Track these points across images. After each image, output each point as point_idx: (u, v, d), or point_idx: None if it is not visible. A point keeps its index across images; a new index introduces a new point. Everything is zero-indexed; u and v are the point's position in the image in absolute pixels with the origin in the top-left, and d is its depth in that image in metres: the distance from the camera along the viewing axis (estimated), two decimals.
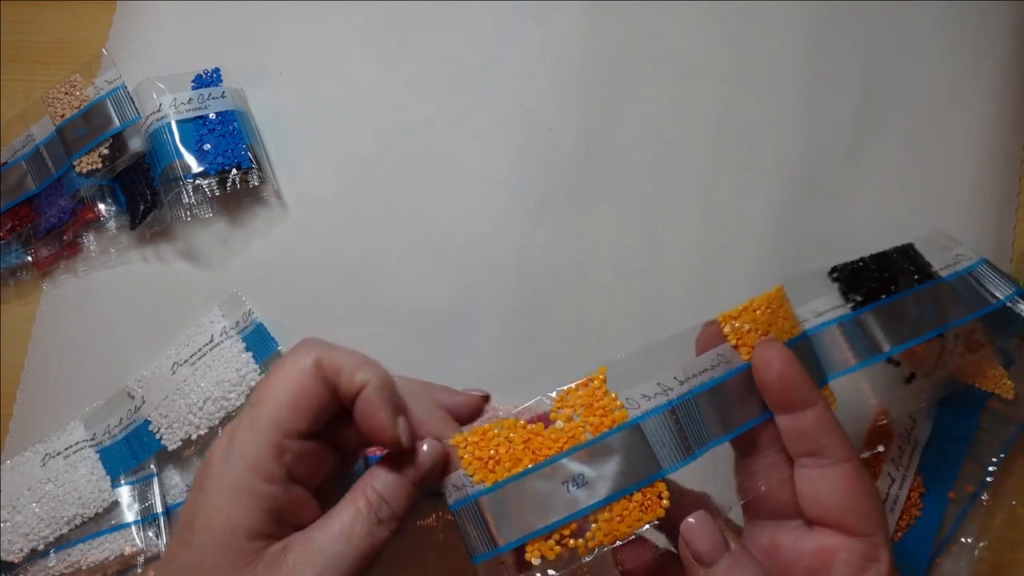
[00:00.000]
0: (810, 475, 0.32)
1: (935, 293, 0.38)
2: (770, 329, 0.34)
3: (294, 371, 0.31)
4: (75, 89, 0.50)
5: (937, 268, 0.40)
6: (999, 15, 0.51)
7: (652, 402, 0.33)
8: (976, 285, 0.40)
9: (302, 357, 0.32)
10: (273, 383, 0.31)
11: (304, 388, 0.31)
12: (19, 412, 0.49)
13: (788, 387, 0.32)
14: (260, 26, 0.54)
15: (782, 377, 0.32)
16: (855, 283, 0.38)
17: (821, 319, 0.37)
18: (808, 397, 0.32)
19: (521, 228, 0.50)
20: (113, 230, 0.50)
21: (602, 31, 0.53)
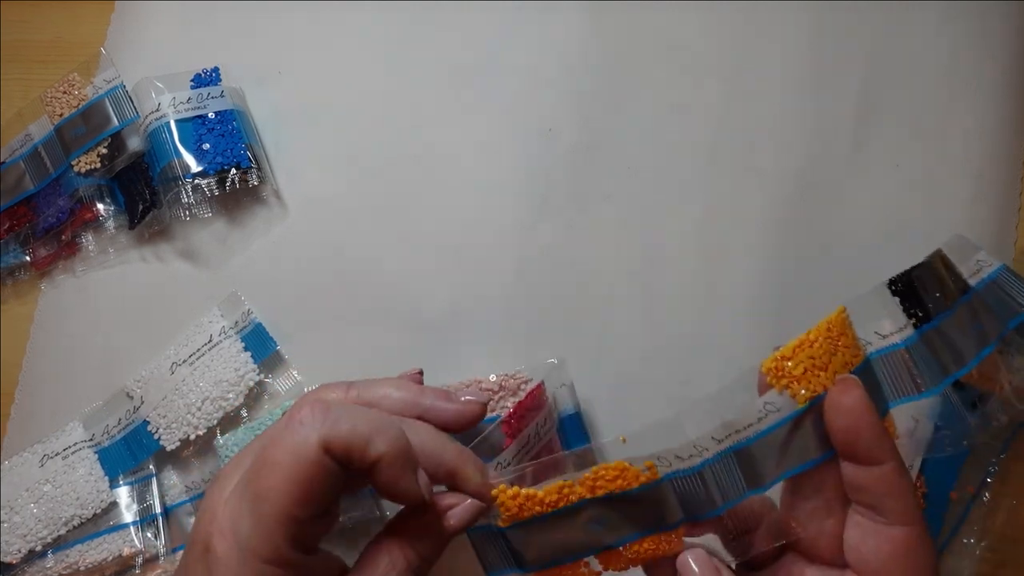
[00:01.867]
0: (861, 524, 0.30)
1: (973, 306, 0.36)
2: (831, 362, 0.30)
3: (299, 459, 0.28)
4: (73, 88, 0.50)
5: (966, 277, 0.37)
6: (1000, 15, 0.51)
7: (685, 463, 0.32)
8: (1003, 293, 0.37)
9: (306, 437, 0.28)
10: (277, 472, 0.28)
11: (313, 478, 0.28)
12: (17, 412, 0.49)
13: (858, 440, 0.29)
14: (260, 26, 0.54)
15: (852, 430, 0.29)
16: (915, 296, 0.35)
17: (886, 342, 0.34)
18: (878, 455, 0.29)
19: (521, 228, 0.50)
20: (112, 230, 0.50)
21: (602, 31, 0.52)
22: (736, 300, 0.49)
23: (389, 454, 0.29)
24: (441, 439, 0.32)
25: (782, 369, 0.31)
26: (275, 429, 0.30)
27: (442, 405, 0.33)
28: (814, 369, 0.30)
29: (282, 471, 0.28)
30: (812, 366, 0.30)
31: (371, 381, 0.34)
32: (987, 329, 0.35)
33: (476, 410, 0.34)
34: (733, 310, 0.49)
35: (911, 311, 0.35)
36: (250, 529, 0.28)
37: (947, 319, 0.35)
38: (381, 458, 0.29)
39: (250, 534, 0.28)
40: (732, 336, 0.48)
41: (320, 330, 0.49)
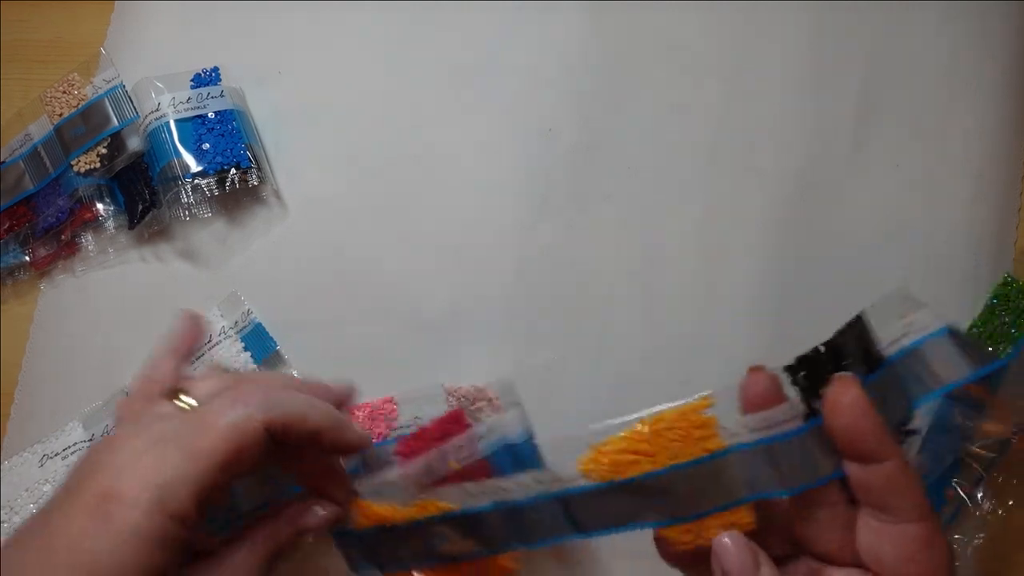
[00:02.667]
0: (872, 526, 0.30)
1: (880, 383, 0.32)
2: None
3: (239, 430, 0.31)
4: (73, 88, 0.50)
5: (884, 345, 0.33)
6: (1000, 15, 0.51)
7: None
8: (921, 366, 0.32)
9: (250, 414, 0.31)
10: (215, 435, 0.31)
11: (246, 448, 0.31)
12: (17, 413, 0.49)
13: (859, 437, 0.29)
14: (260, 26, 0.54)
15: (852, 428, 0.29)
16: (809, 385, 0.32)
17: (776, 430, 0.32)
18: (880, 452, 0.29)
19: (521, 228, 0.50)
20: (111, 230, 0.50)
21: (602, 31, 0.52)
22: (736, 300, 0.49)
23: (325, 423, 0.34)
24: (307, 400, 0.35)
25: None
26: (210, 408, 0.33)
27: (323, 389, 0.37)
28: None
29: (220, 435, 0.31)
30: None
31: (255, 374, 0.39)
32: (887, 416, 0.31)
33: (347, 392, 0.38)
34: (733, 310, 0.49)
35: (808, 399, 0.32)
36: (170, 480, 0.30)
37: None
38: (319, 427, 0.33)
39: (169, 485, 0.30)
40: (732, 336, 0.48)
41: (320, 330, 0.49)
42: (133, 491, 0.29)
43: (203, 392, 0.35)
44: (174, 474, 0.30)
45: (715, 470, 0.31)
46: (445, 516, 0.35)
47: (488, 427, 0.40)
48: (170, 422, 0.32)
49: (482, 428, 0.40)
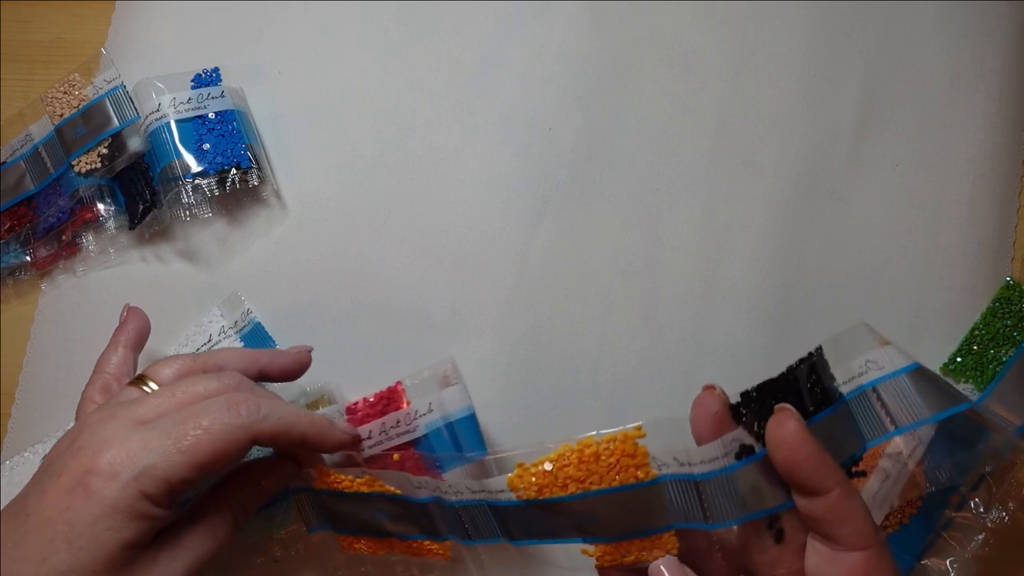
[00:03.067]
0: (820, 551, 0.30)
1: (829, 423, 0.32)
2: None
3: (227, 435, 0.33)
4: (74, 88, 0.50)
5: (842, 381, 0.32)
6: (1000, 14, 0.51)
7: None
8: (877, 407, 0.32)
9: (243, 424, 0.33)
10: (204, 434, 0.32)
11: (228, 453, 0.33)
12: (18, 413, 0.49)
13: (799, 471, 0.29)
14: (259, 26, 0.54)
15: (792, 461, 0.29)
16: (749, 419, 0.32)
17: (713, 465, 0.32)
18: (822, 483, 0.29)
19: (521, 228, 0.50)
20: (112, 230, 0.50)
21: (602, 31, 0.52)
22: (736, 300, 0.49)
23: (311, 430, 0.36)
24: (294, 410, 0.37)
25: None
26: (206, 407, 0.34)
27: (279, 360, 0.41)
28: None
29: (209, 436, 0.32)
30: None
31: (213, 351, 0.39)
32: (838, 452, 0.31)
33: (306, 357, 0.42)
34: (733, 310, 0.49)
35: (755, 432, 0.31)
36: (152, 462, 0.31)
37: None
38: (306, 435, 0.36)
39: (150, 466, 0.31)
40: (732, 336, 0.48)
41: (320, 330, 0.49)
42: (115, 466, 0.31)
43: (166, 376, 0.37)
44: (156, 459, 0.31)
45: (642, 498, 0.32)
46: (390, 496, 0.38)
47: (431, 404, 0.43)
48: (150, 404, 0.34)
49: (424, 406, 0.43)
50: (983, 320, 0.46)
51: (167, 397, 0.34)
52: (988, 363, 0.45)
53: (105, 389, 0.39)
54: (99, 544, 0.31)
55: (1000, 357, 0.44)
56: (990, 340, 0.45)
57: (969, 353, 0.45)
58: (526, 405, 0.48)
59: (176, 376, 0.37)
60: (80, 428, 0.33)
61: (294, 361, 0.41)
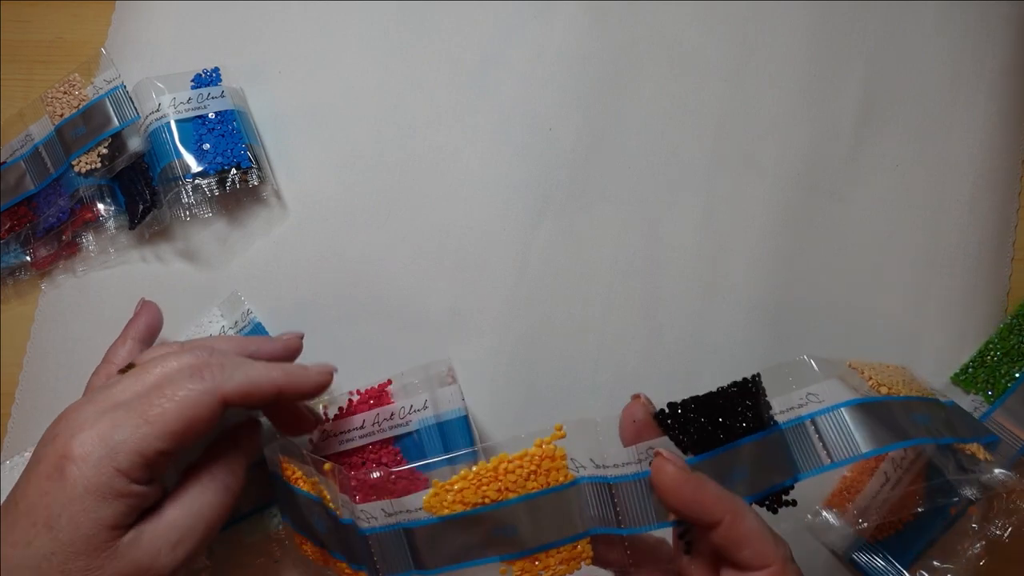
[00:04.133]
0: (728, 573, 0.31)
1: (768, 445, 0.32)
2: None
3: (196, 403, 0.33)
4: (74, 88, 0.50)
5: (778, 411, 0.33)
6: (1000, 15, 0.51)
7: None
8: (811, 440, 0.32)
9: (210, 388, 0.33)
10: (171, 405, 0.32)
11: (199, 420, 0.33)
12: (18, 413, 0.49)
13: (683, 512, 0.31)
14: (259, 26, 0.54)
15: (673, 505, 0.31)
16: (678, 429, 0.33)
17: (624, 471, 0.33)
18: (708, 518, 0.30)
19: (521, 228, 0.50)
20: (112, 230, 0.50)
21: (602, 31, 0.52)
22: (736, 300, 0.49)
23: (282, 381, 0.36)
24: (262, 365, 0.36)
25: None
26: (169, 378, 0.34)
27: (267, 347, 0.40)
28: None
29: (176, 406, 0.32)
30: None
31: (201, 339, 0.40)
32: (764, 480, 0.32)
33: (296, 343, 0.41)
34: (733, 310, 0.49)
35: (680, 440, 0.32)
36: (123, 438, 0.32)
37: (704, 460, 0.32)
38: (277, 387, 0.35)
39: (120, 442, 0.32)
40: (732, 336, 0.48)
41: (320, 330, 0.49)
42: (85, 448, 0.32)
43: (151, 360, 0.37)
44: (124, 435, 0.32)
45: (559, 502, 0.32)
46: (324, 505, 0.37)
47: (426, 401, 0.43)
48: (122, 386, 0.34)
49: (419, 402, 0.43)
50: (998, 335, 0.46)
51: (140, 376, 0.35)
52: (1000, 377, 0.45)
53: (108, 378, 0.39)
54: (77, 525, 0.31)
55: (1012, 373, 0.45)
56: (1004, 355, 0.45)
57: (982, 365, 0.45)
58: (526, 405, 0.48)
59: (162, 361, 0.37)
60: (60, 417, 0.34)
61: (283, 347, 0.41)
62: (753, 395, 0.33)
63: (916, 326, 0.48)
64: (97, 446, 0.32)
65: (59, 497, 0.31)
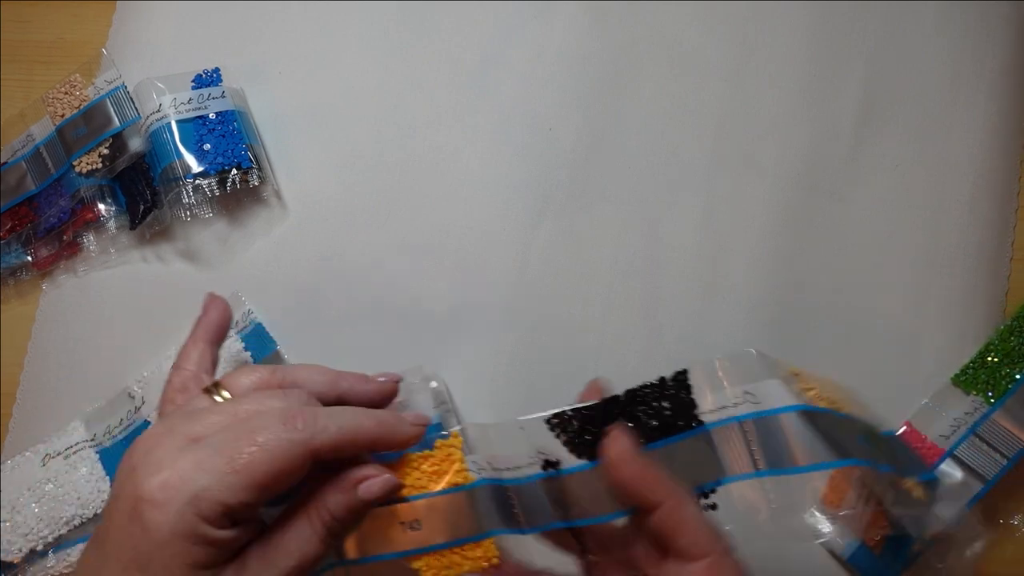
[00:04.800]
0: (670, 569, 0.31)
1: (681, 448, 0.31)
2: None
3: (285, 453, 0.30)
4: (75, 89, 0.50)
5: (707, 409, 0.31)
6: (1000, 15, 0.51)
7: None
8: (741, 443, 0.30)
9: (302, 439, 0.30)
10: (260, 453, 0.30)
11: (286, 472, 0.30)
12: (19, 412, 0.49)
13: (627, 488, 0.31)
14: (260, 26, 0.54)
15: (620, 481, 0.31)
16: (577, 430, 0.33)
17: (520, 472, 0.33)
18: (651, 497, 0.30)
19: (521, 228, 0.50)
20: (113, 230, 0.50)
21: (602, 31, 0.52)
22: (736, 300, 0.49)
23: (375, 434, 0.33)
24: (355, 414, 0.33)
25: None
26: (260, 422, 0.31)
27: (361, 387, 0.37)
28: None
29: (265, 454, 0.30)
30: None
31: (294, 366, 0.36)
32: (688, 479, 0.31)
33: (392, 388, 0.37)
34: (733, 310, 0.49)
35: (574, 443, 0.32)
36: (206, 485, 0.29)
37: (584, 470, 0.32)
38: (370, 441, 0.32)
39: (203, 489, 0.29)
40: (732, 336, 0.48)
41: (320, 330, 0.49)
42: (167, 491, 0.29)
43: (241, 387, 0.35)
44: (210, 481, 0.29)
45: (459, 502, 0.33)
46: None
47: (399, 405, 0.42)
48: (208, 421, 0.32)
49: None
50: (999, 336, 0.46)
51: (228, 413, 0.32)
52: (1000, 379, 0.45)
53: (183, 389, 0.37)
54: (169, 570, 0.29)
55: (1013, 374, 0.45)
56: (1004, 356, 0.45)
57: (982, 367, 0.45)
58: (526, 405, 0.47)
59: (251, 388, 0.35)
60: (137, 444, 0.32)
61: (377, 391, 0.37)
62: (671, 395, 0.32)
63: (916, 326, 0.48)
64: (179, 490, 0.29)
65: (145, 541, 0.29)
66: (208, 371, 0.39)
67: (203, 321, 0.41)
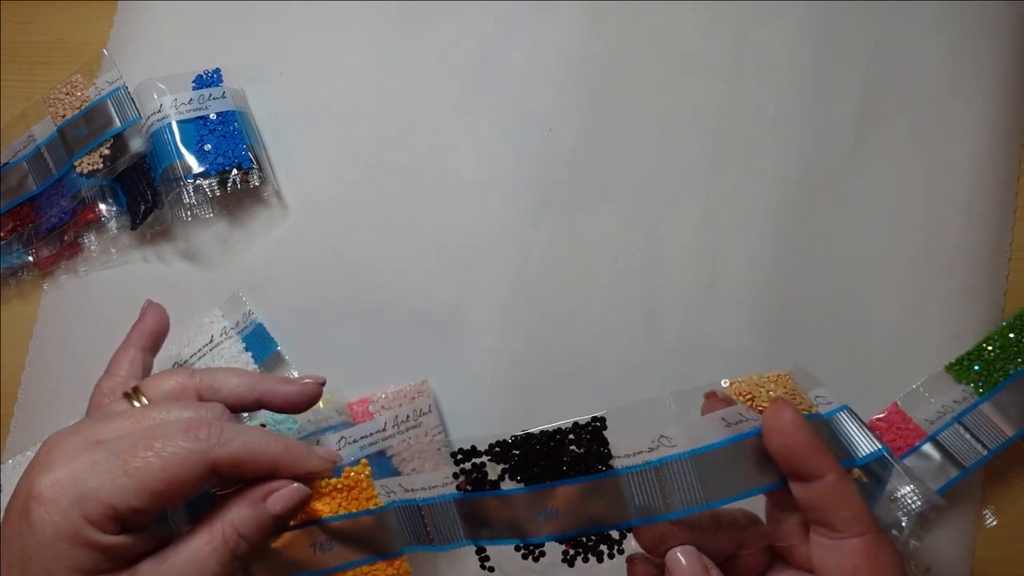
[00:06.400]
0: (820, 543, 0.31)
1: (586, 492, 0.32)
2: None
3: (183, 463, 0.29)
4: (76, 89, 0.50)
5: (622, 455, 0.32)
6: (999, 15, 0.51)
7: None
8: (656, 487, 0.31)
9: (201, 450, 0.30)
10: (155, 461, 0.29)
11: (183, 483, 0.29)
12: (20, 412, 0.49)
13: (795, 456, 0.30)
14: (260, 26, 0.54)
15: (788, 447, 0.30)
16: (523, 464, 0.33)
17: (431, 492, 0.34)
18: (817, 468, 0.30)
19: (521, 228, 0.50)
20: (114, 230, 0.50)
21: (602, 31, 0.53)
22: (736, 300, 0.49)
23: (280, 459, 0.32)
24: (265, 436, 0.32)
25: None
26: (163, 428, 0.30)
27: (281, 388, 0.36)
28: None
29: (160, 460, 0.29)
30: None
31: (213, 370, 0.36)
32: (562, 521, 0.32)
33: (315, 390, 0.37)
34: (733, 310, 0.49)
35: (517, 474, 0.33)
36: (96, 486, 0.28)
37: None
38: (274, 464, 0.31)
39: (92, 489, 0.28)
40: (732, 336, 0.48)
41: (320, 330, 0.49)
42: (56, 489, 0.29)
43: (157, 392, 0.34)
44: (100, 482, 0.29)
45: (369, 523, 0.34)
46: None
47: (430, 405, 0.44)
48: (114, 425, 0.31)
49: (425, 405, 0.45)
50: (999, 332, 0.46)
51: (135, 419, 0.31)
52: (994, 372, 0.45)
53: (111, 394, 0.37)
54: (49, 572, 0.28)
55: (1007, 369, 0.45)
56: (1001, 351, 0.45)
57: (979, 359, 0.45)
58: (526, 405, 0.48)
59: (168, 394, 0.35)
60: (45, 445, 0.31)
61: (299, 392, 0.37)
62: (583, 438, 0.33)
63: (915, 326, 0.48)
64: (68, 490, 0.28)
65: (30, 540, 0.28)
66: (138, 377, 0.39)
67: (138, 327, 0.41)
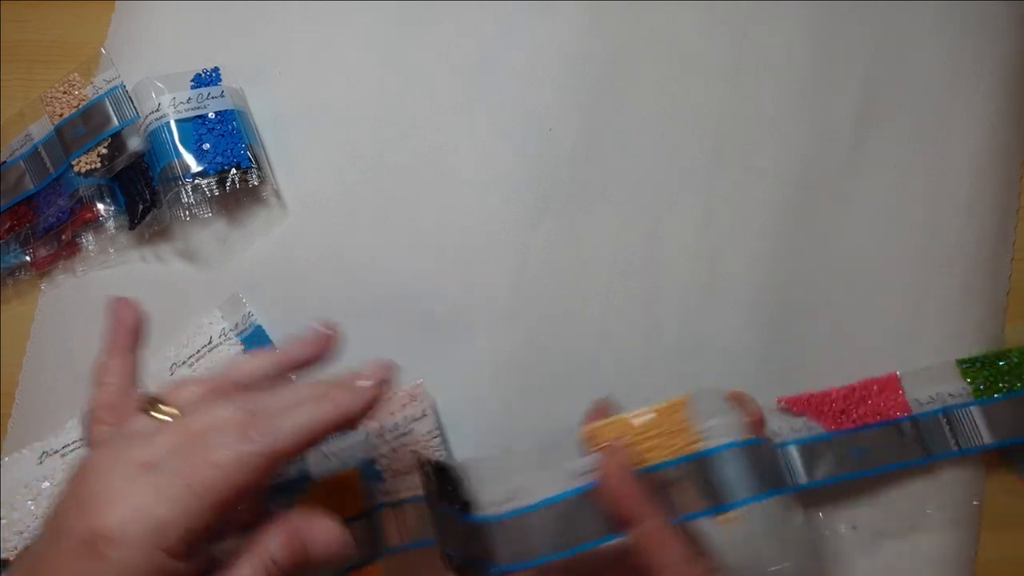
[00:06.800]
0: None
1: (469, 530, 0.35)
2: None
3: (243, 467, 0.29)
4: (74, 88, 0.50)
5: (492, 502, 0.35)
6: (999, 15, 0.51)
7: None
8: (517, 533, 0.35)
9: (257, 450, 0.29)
10: (217, 472, 0.28)
11: (254, 487, 0.29)
12: (17, 412, 0.49)
13: (615, 500, 0.32)
14: (260, 26, 0.54)
15: (610, 490, 0.33)
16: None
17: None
18: (636, 512, 0.32)
19: (521, 228, 0.50)
20: (112, 230, 0.50)
21: (602, 31, 0.52)
22: (736, 300, 0.49)
23: (335, 416, 0.31)
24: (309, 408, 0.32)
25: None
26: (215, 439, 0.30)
27: (298, 351, 0.36)
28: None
29: (223, 474, 0.28)
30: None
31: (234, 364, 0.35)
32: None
33: (328, 336, 0.37)
34: (733, 310, 0.49)
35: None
36: (167, 514, 0.27)
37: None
38: (335, 423, 0.31)
39: (164, 521, 0.27)
40: (732, 336, 0.48)
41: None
42: (126, 526, 0.27)
43: (185, 399, 0.32)
44: (170, 509, 0.28)
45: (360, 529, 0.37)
46: None
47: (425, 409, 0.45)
48: (157, 443, 0.30)
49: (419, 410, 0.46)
50: (1018, 352, 0.45)
51: (178, 432, 0.30)
52: (998, 382, 0.45)
53: (111, 407, 0.35)
54: None
55: (1013, 384, 0.44)
56: (1014, 367, 0.45)
57: (992, 365, 0.45)
58: (525, 405, 0.48)
59: (197, 400, 0.33)
60: (83, 474, 0.29)
61: (315, 346, 0.37)
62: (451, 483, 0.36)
63: (915, 326, 0.48)
64: (139, 524, 0.27)
65: (100, 569, 0.27)
66: (132, 383, 0.37)
67: (116, 328, 0.38)
